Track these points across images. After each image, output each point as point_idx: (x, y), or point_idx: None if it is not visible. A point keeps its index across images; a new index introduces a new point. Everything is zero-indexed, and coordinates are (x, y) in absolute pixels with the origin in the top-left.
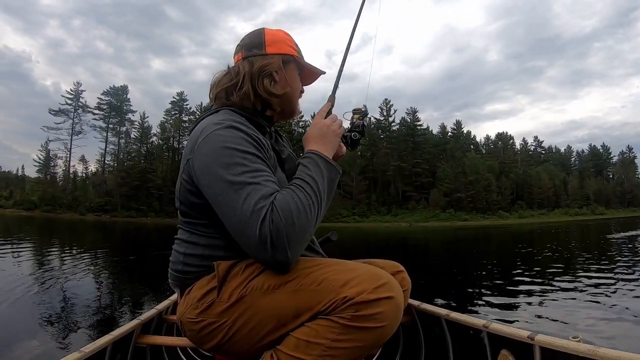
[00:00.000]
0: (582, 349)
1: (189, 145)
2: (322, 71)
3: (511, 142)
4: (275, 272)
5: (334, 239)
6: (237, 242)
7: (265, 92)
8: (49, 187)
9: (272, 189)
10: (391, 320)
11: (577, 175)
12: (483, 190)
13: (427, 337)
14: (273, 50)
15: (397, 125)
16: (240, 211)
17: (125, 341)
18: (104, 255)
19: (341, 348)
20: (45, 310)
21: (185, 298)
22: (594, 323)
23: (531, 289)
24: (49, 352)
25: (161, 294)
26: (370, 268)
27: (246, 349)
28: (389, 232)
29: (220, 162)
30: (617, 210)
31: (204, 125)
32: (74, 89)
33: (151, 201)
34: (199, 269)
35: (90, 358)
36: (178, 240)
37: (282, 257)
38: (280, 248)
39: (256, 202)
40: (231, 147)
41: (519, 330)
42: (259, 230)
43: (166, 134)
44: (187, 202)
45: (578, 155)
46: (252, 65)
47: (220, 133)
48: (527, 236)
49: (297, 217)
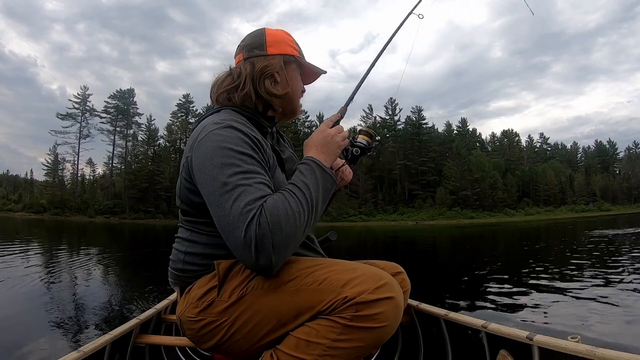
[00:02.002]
0: (580, 349)
1: (189, 143)
2: (323, 70)
3: (517, 139)
4: (259, 275)
5: (333, 239)
6: (226, 243)
7: (266, 93)
8: (58, 191)
9: (263, 192)
10: (391, 320)
11: (583, 172)
12: (489, 188)
13: (426, 337)
14: (274, 50)
15: (403, 124)
16: (228, 212)
17: (124, 340)
18: (108, 256)
19: (341, 348)
20: (45, 310)
21: (185, 297)
22: (593, 322)
23: (535, 288)
24: (48, 351)
25: (160, 294)
26: (371, 268)
27: (245, 349)
28: (395, 230)
29: (216, 162)
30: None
31: (204, 124)
32: (81, 93)
33: (159, 203)
34: (199, 268)
35: (89, 357)
36: (179, 239)
37: (265, 261)
38: (264, 252)
39: (245, 205)
40: (227, 147)
41: (518, 331)
42: (244, 232)
43: (173, 136)
44: (187, 201)
45: (584, 152)
46: (254, 67)
47: (218, 132)
48: (534, 233)
49: (285, 223)
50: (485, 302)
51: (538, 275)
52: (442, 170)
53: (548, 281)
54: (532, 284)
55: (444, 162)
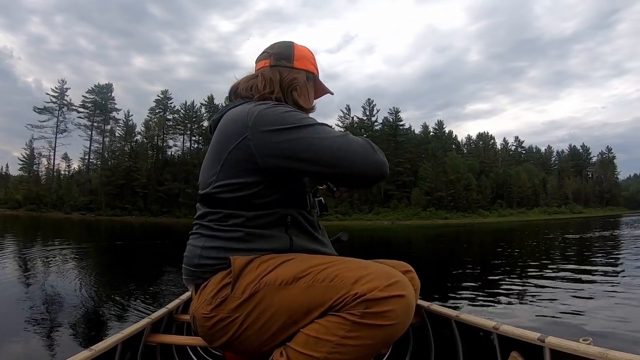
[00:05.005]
0: (592, 352)
1: (230, 129)
2: (331, 92)
3: (492, 142)
4: (380, 175)
5: (344, 239)
6: (340, 163)
7: (293, 102)
8: (34, 186)
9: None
10: (401, 319)
11: (556, 175)
12: (464, 190)
13: (437, 338)
14: (300, 65)
15: (380, 125)
16: (336, 134)
17: (135, 340)
18: (115, 255)
19: (350, 345)
20: (57, 308)
21: (200, 294)
22: (604, 324)
23: (503, 284)
24: (60, 349)
25: (171, 294)
26: (383, 266)
27: (256, 345)
28: (371, 230)
29: (290, 120)
30: (595, 210)
31: (245, 109)
32: (59, 87)
33: (136, 200)
34: (216, 262)
35: (101, 356)
36: (195, 235)
37: (384, 158)
38: (380, 151)
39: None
40: (292, 111)
41: (529, 332)
42: (361, 139)
43: (150, 133)
44: (230, 186)
45: (558, 155)
46: (281, 75)
47: (273, 108)
48: (507, 233)
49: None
50: (459, 296)
51: (510, 274)
52: (418, 171)
53: (522, 280)
54: (499, 280)
55: (419, 163)
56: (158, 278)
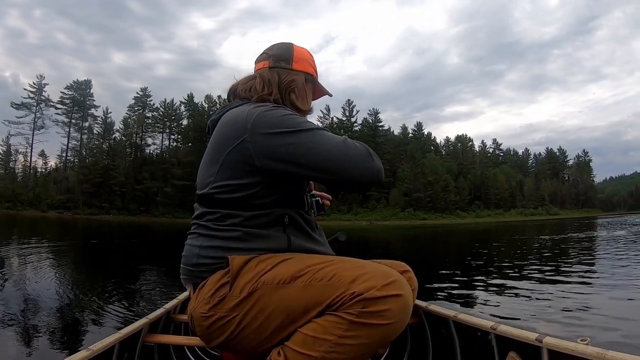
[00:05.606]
0: (590, 352)
1: (229, 131)
2: (330, 93)
3: (470, 144)
4: (376, 181)
5: (342, 239)
6: (338, 170)
7: (291, 104)
8: (10, 184)
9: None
10: (399, 318)
11: (533, 177)
12: (442, 191)
13: (435, 338)
14: (299, 67)
15: (359, 126)
16: (335, 139)
17: (133, 340)
18: (92, 254)
19: (348, 345)
20: (54, 308)
21: (198, 293)
22: (602, 324)
23: (494, 283)
24: (57, 349)
25: (169, 295)
26: (380, 266)
27: (254, 345)
28: (349, 230)
29: (290, 124)
30: (571, 211)
31: (245, 110)
32: (37, 82)
33: (113, 198)
34: (214, 261)
35: (98, 356)
36: (193, 234)
37: (380, 164)
38: (377, 157)
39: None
40: (292, 114)
41: (527, 333)
42: (359, 144)
43: (129, 130)
44: (228, 187)
45: (535, 158)
46: (280, 77)
47: (272, 110)
48: (484, 234)
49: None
50: (439, 297)
51: (490, 273)
52: (397, 172)
53: (501, 277)
54: (480, 279)
55: (398, 164)
56: (136, 277)
